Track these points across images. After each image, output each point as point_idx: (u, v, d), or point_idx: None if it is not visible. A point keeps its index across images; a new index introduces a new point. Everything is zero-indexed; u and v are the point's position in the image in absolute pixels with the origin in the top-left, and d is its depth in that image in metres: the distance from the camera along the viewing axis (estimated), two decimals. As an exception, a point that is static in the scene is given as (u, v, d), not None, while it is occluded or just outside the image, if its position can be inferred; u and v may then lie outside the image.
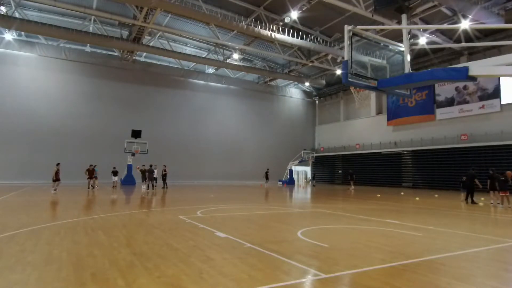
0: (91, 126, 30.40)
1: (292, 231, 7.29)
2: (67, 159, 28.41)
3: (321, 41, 28.44)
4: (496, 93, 25.71)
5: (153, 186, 21.64)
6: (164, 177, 22.34)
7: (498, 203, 13.79)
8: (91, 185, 20.46)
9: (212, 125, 36.74)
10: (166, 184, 22.75)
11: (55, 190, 17.36)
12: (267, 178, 31.34)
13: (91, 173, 20.54)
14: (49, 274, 4.07)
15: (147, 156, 27.49)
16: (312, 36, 28.10)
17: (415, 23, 22.66)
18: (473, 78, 5.14)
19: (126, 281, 3.85)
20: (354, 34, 6.11)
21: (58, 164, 18.45)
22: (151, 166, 21.69)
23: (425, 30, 24.88)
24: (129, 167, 27.27)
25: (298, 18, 25.57)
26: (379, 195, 19.91)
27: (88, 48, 31.53)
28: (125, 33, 28.52)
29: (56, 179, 17.86)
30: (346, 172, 32.86)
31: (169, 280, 3.93)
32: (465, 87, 27.73)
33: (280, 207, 12.80)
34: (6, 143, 27.18)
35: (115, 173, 22.99)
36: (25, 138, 27.79)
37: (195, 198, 16.14)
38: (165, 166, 22.73)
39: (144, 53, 32.72)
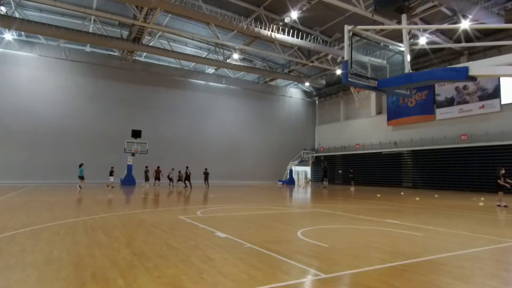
0: (91, 126, 30.38)
1: (292, 231, 7.29)
2: (67, 159, 28.40)
3: (321, 41, 28.43)
4: (496, 93, 25.70)
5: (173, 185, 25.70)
6: (187, 178, 25.14)
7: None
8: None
9: (212, 125, 36.72)
10: (191, 184, 25.34)
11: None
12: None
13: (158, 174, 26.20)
14: (49, 274, 4.07)
15: (147, 156, 27.50)
16: (312, 36, 28.10)
17: (415, 23, 22.65)
18: (473, 78, 5.14)
19: (126, 281, 3.85)
20: (354, 34, 6.13)
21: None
22: (173, 169, 26.23)
23: (425, 30, 24.86)
24: (129, 167, 27.27)
25: (298, 18, 25.57)
26: (379, 195, 19.90)
27: (88, 48, 31.53)
28: (125, 33, 28.51)
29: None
30: (347, 172, 32.87)
31: (169, 280, 3.93)
32: (465, 87, 27.72)
33: (280, 207, 12.79)
34: (6, 143, 27.15)
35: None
36: (25, 138, 27.75)
37: (195, 198, 16.14)
38: (187, 167, 25.52)
39: (144, 53, 32.70)
